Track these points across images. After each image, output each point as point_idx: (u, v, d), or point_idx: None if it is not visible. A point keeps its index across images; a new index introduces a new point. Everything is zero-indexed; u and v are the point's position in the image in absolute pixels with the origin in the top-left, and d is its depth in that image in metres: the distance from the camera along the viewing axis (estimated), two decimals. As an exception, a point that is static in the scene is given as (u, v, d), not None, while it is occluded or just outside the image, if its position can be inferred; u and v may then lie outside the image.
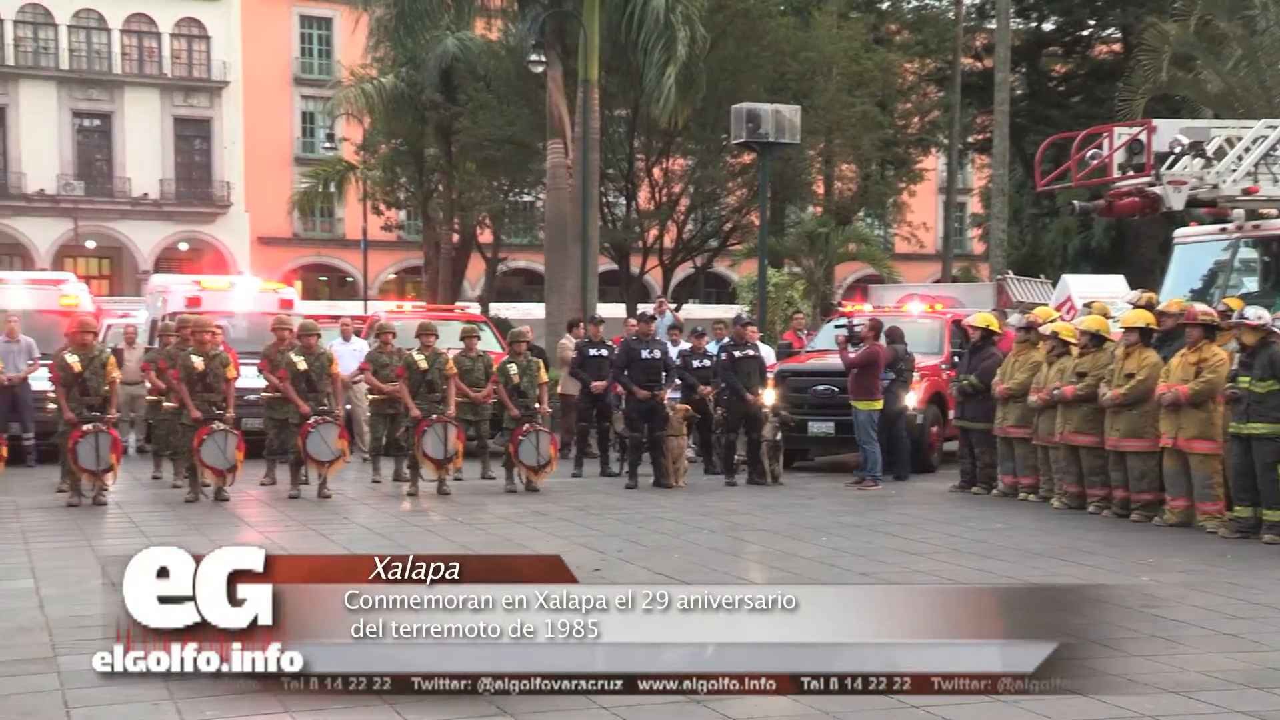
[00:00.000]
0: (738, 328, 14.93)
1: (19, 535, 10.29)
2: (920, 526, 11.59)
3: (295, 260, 49.80)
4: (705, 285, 45.69)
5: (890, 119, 32.87)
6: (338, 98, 33.94)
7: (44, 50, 46.41)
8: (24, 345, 15.31)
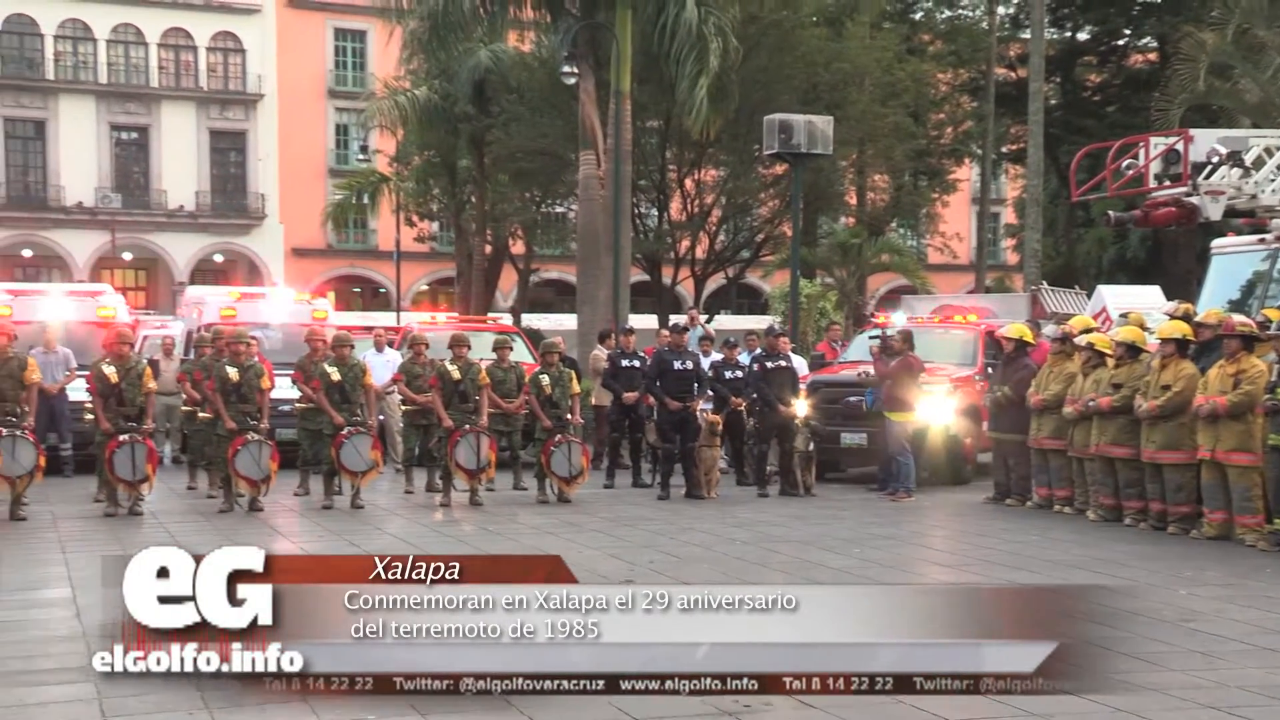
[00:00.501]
0: (770, 339, 14.90)
1: (57, 544, 10.38)
2: (954, 538, 11.53)
3: (329, 271, 50.09)
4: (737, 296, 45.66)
5: (923, 129, 32.77)
6: (371, 110, 34.16)
7: (83, 64, 46.96)
8: (62, 356, 15.45)
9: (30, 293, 18.19)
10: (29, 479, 11.67)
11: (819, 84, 27.10)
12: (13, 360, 11.91)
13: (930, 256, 43.92)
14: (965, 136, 37.28)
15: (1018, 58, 39.69)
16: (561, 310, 43.05)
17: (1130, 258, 34.96)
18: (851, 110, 27.37)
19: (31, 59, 46.50)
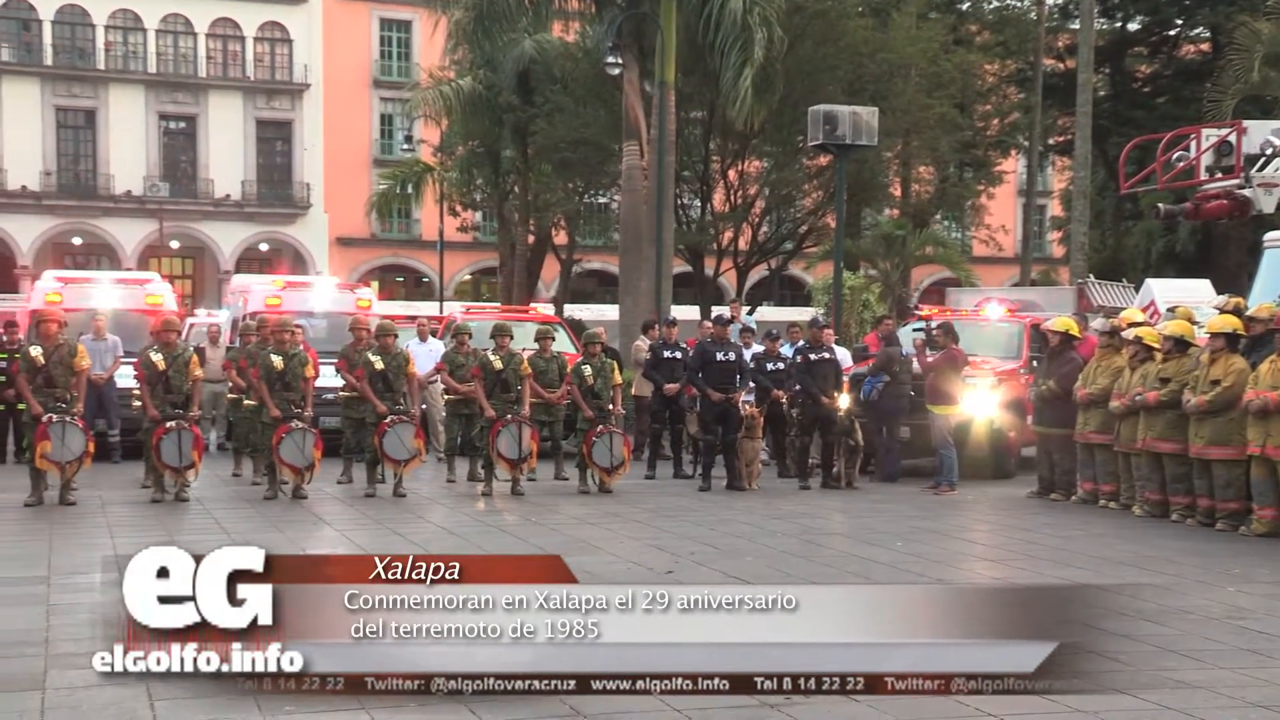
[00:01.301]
0: (813, 331, 14.85)
1: (105, 530, 10.50)
2: (997, 533, 11.44)
3: (372, 261, 50.38)
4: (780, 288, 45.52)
5: (969, 121, 32.48)
6: (416, 100, 34.27)
7: (133, 54, 47.45)
8: (110, 343, 15.64)
9: (80, 280, 18.42)
10: (78, 464, 11.81)
11: (864, 75, 26.91)
12: (63, 347, 12.05)
13: (975, 249, 43.56)
14: (1012, 128, 36.92)
15: (1066, 48, 39.26)
16: (603, 301, 43.09)
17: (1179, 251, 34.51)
18: (897, 101, 27.15)
19: (83, 49, 47.03)
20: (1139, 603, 8.00)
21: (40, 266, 40.01)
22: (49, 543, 9.71)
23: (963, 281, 33.00)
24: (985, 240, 38.59)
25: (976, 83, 33.12)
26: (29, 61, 46.24)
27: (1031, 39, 36.32)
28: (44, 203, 46.03)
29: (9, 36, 46.36)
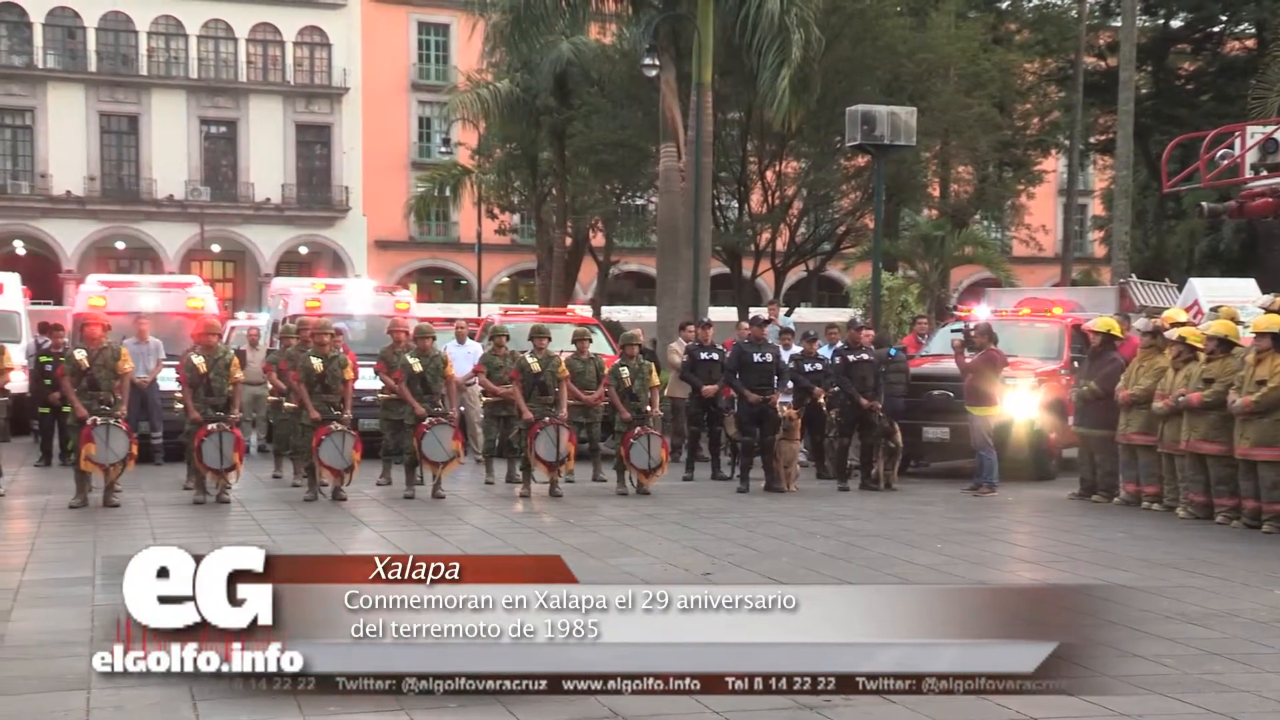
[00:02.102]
0: (852, 332, 14.79)
1: (148, 531, 10.60)
2: (1039, 534, 11.35)
3: (411, 263, 50.61)
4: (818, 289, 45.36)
5: (1009, 120, 32.27)
6: (454, 103, 34.40)
7: (175, 60, 47.92)
8: (153, 346, 15.78)
9: (124, 284, 18.62)
10: (122, 467, 11.92)
11: (902, 75, 26.79)
12: (107, 350, 12.18)
13: (1015, 249, 43.27)
14: (1052, 127, 36.65)
15: (1108, 46, 38.93)
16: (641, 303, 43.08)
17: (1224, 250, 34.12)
18: (935, 101, 27.02)
19: (126, 55, 47.55)
20: (1183, 605, 7.91)
21: (84, 271, 40.48)
22: (94, 544, 9.81)
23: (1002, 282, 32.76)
24: (1025, 240, 38.34)
25: (1016, 81, 32.90)
26: (73, 68, 46.80)
27: (1072, 37, 36.03)
28: (88, 207, 46.56)
29: (54, 44, 46.94)
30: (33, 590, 8.04)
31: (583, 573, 8.63)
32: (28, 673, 6.02)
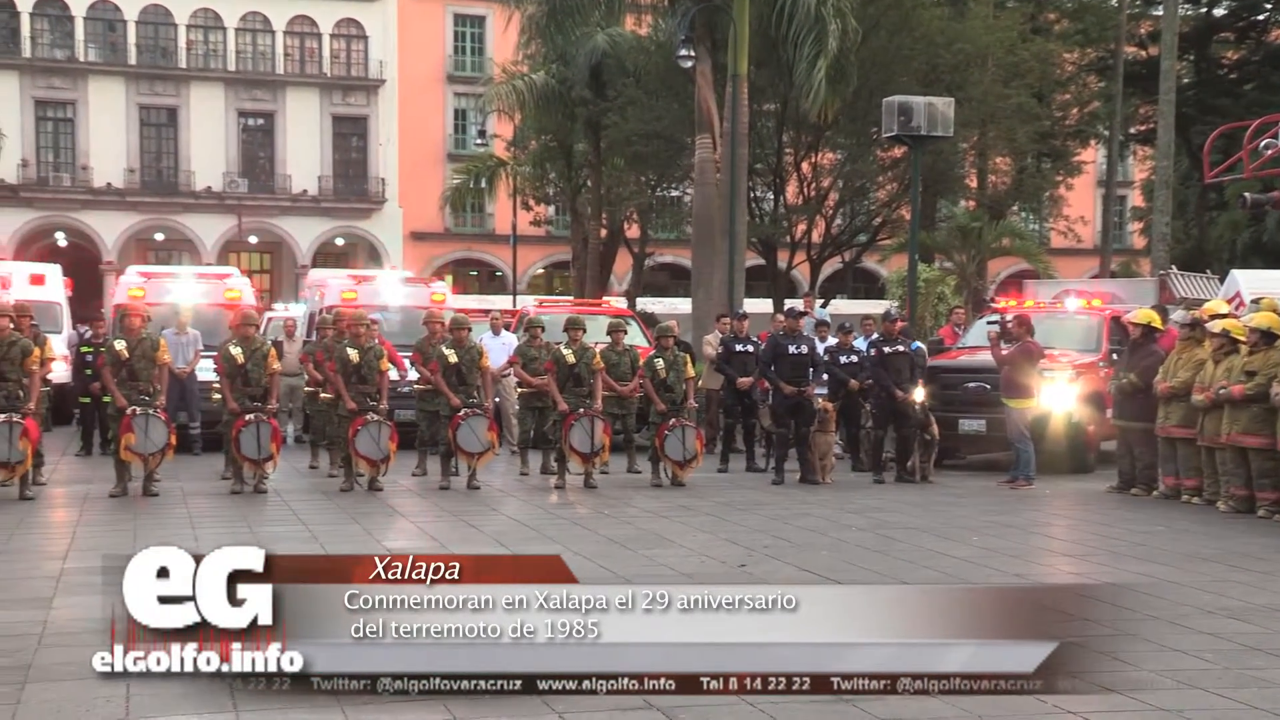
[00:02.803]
0: (888, 324, 14.72)
1: (187, 521, 10.69)
2: (1077, 528, 11.26)
3: (446, 255, 50.77)
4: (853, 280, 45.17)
5: (1047, 110, 31.99)
6: (489, 95, 34.48)
7: (213, 53, 48.24)
8: (191, 337, 15.89)
9: (162, 275, 18.76)
10: (161, 456, 12.02)
11: (939, 65, 26.60)
12: (146, 341, 12.28)
13: (1053, 240, 42.92)
14: (1091, 117, 36.30)
15: (1149, 35, 38.51)
16: (676, 294, 43.03)
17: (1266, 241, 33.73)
18: (973, 91, 26.82)
19: (165, 48, 47.90)
20: (1225, 600, 7.83)
21: (124, 262, 40.85)
22: (133, 533, 9.90)
23: (1040, 274, 32.53)
24: (1064, 232, 38.01)
25: (1055, 71, 32.60)
26: (114, 61, 47.20)
27: (1112, 26, 35.67)
28: (127, 199, 46.97)
29: (95, 37, 47.35)
30: (74, 578, 8.12)
31: (617, 564, 8.68)
32: (69, 659, 6.07)
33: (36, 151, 46.54)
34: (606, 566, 8.66)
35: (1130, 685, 5.89)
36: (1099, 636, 6.77)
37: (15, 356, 11.71)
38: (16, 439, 11.39)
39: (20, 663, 5.99)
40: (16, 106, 44.24)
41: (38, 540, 9.76)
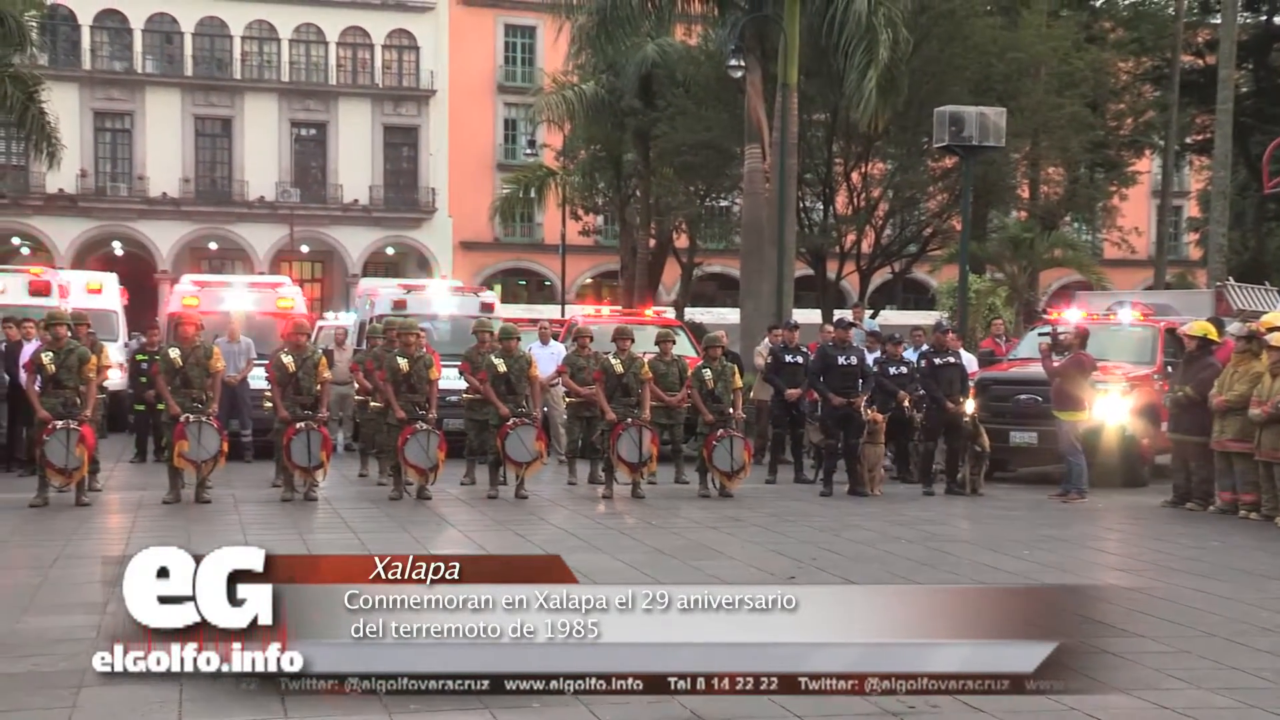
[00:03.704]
0: (938, 335, 14.62)
1: (238, 527, 10.79)
2: (1130, 542, 11.12)
3: (495, 264, 50.99)
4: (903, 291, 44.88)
5: (1101, 120, 31.65)
6: (539, 105, 34.61)
7: (268, 64, 48.80)
8: (244, 346, 16.06)
9: (216, 284, 18.97)
10: (213, 463, 12.15)
11: (991, 75, 26.41)
12: (200, 349, 12.42)
13: (1106, 251, 42.44)
14: (1147, 127, 35.86)
15: (1206, 44, 38.00)
16: (724, 304, 42.95)
17: (1325, 252, 33.18)
18: (1025, 101, 26.60)
19: (220, 59, 48.52)
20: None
21: (178, 271, 41.37)
22: (186, 539, 9.99)
23: (1093, 285, 32.18)
24: (1117, 243, 37.53)
25: (1109, 81, 32.27)
26: (171, 73, 47.87)
27: (1168, 35, 35.25)
28: (182, 209, 47.58)
29: (153, 49, 48.05)
30: (127, 583, 8.21)
31: (664, 575, 8.66)
32: (122, 664, 6.14)
33: (95, 162, 47.27)
34: (653, 576, 8.65)
35: (1187, 704, 5.81)
36: (1152, 653, 6.70)
37: (73, 364, 11.89)
38: (73, 445, 11.54)
39: (76, 667, 6.06)
40: (76, 118, 44.93)
41: (93, 546, 9.88)
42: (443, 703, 5.61)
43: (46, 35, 42.10)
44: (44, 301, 16.85)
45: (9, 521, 10.95)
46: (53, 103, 29.07)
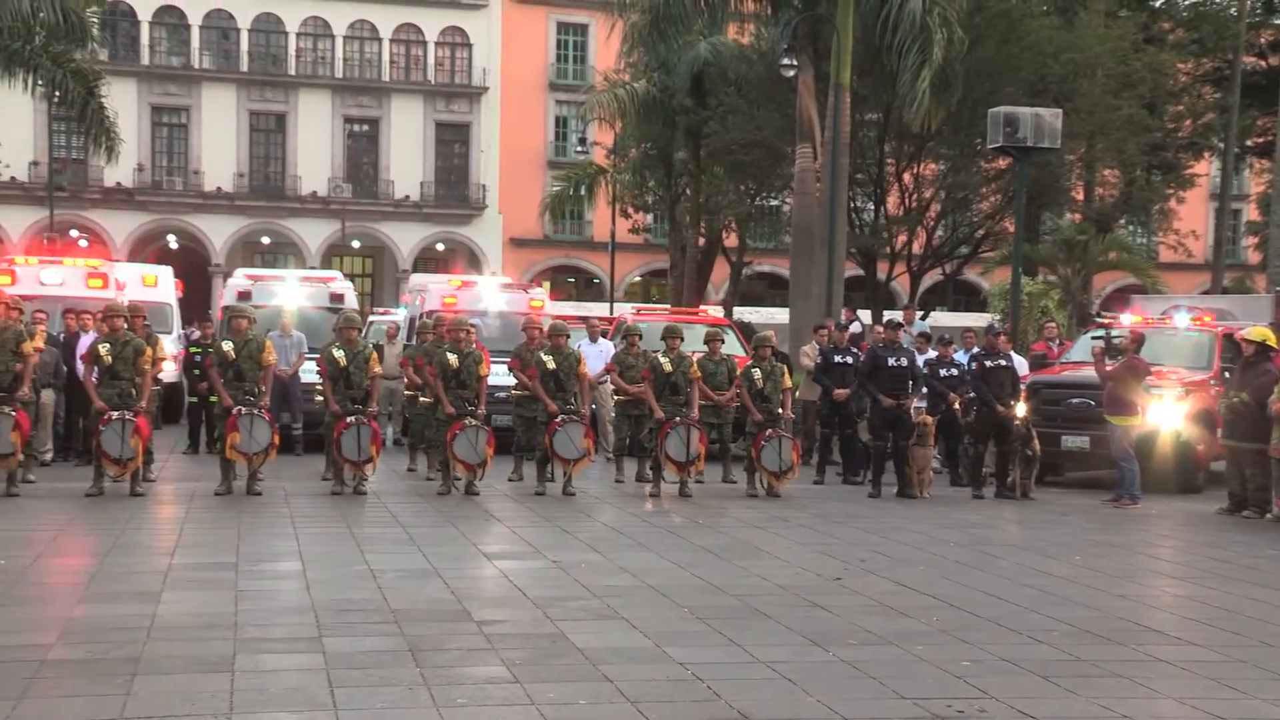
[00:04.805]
0: (989, 337, 14.51)
1: (288, 520, 10.89)
2: (1184, 549, 10.97)
3: (545, 261, 51.12)
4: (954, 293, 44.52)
5: (1159, 122, 31.23)
6: (591, 103, 34.63)
7: (322, 60, 49.21)
8: (295, 339, 16.20)
9: (269, 278, 19.14)
10: (264, 456, 12.26)
11: (1047, 75, 26.12)
12: (253, 342, 12.54)
13: (1162, 255, 41.91)
14: (1206, 129, 35.35)
15: (1269, 44, 37.43)
16: (773, 304, 42.81)
17: (1387, 258, 32.49)
18: (1081, 102, 26.30)
19: (276, 55, 48.98)
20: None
21: (231, 264, 41.83)
22: (237, 531, 10.12)
23: (1149, 288, 31.77)
24: (1173, 246, 37.03)
25: (1168, 82, 31.82)
26: (227, 68, 48.39)
27: (1230, 35, 34.71)
28: (236, 203, 48.09)
29: (210, 45, 48.60)
30: (181, 574, 8.32)
31: (711, 574, 8.66)
32: (175, 653, 6.22)
33: (151, 156, 47.87)
34: (700, 576, 8.64)
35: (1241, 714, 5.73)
36: (1207, 662, 6.61)
37: (129, 356, 12.04)
38: (129, 436, 11.69)
39: (130, 655, 6.15)
40: (134, 113, 45.49)
41: (147, 536, 10.01)
42: (489, 694, 5.65)
43: (107, 31, 42.62)
44: (101, 294, 17.06)
45: (66, 511, 11.12)
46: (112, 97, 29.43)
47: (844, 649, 6.67)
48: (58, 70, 25.27)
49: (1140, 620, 7.69)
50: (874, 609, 7.73)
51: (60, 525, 10.42)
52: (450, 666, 6.11)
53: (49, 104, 33.23)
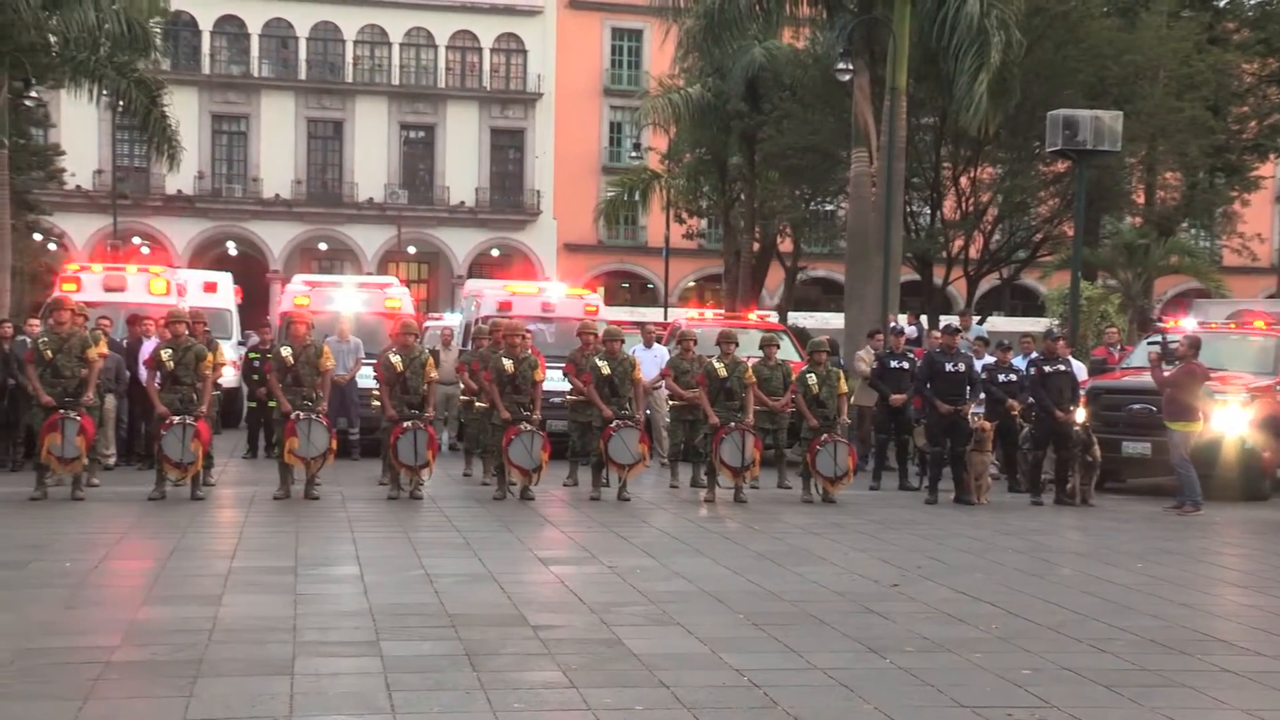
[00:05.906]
0: (1048, 342, 14.36)
1: (346, 524, 10.97)
2: (1250, 558, 10.78)
3: (599, 267, 51.23)
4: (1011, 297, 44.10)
5: (1223, 124, 30.75)
6: (645, 108, 34.71)
7: (378, 67, 49.67)
8: (353, 345, 16.32)
9: (326, 284, 19.31)
10: (321, 461, 12.37)
11: (1107, 78, 25.80)
12: (310, 348, 12.65)
13: (1226, 258, 41.25)
14: (1271, 130, 34.76)
15: (1335, 44, 36.71)
16: (828, 309, 42.65)
17: None
18: (1142, 105, 25.94)
19: (333, 63, 49.53)
20: None
21: (289, 270, 42.28)
22: (295, 535, 10.21)
23: (1212, 292, 31.28)
24: (1237, 249, 36.44)
25: (1232, 83, 31.33)
26: (285, 76, 48.98)
27: (1296, 35, 34.09)
28: (294, 210, 48.64)
29: (269, 53, 49.23)
30: (241, 577, 8.40)
31: (767, 580, 8.63)
32: (235, 655, 6.29)
33: (211, 164, 48.56)
34: (756, 582, 8.61)
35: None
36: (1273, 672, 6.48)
37: (190, 361, 12.19)
38: (189, 441, 11.84)
39: (192, 657, 6.22)
40: (195, 121, 46.16)
41: (207, 539, 10.13)
42: (545, 699, 5.65)
43: (169, 41, 43.29)
44: (163, 300, 17.31)
45: (128, 514, 11.28)
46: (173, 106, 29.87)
47: (901, 656, 6.61)
48: (122, 80, 25.68)
49: (1205, 629, 7.55)
50: (931, 616, 7.66)
51: (124, 529, 10.56)
52: (506, 671, 6.12)
53: (113, 113, 33.84)
